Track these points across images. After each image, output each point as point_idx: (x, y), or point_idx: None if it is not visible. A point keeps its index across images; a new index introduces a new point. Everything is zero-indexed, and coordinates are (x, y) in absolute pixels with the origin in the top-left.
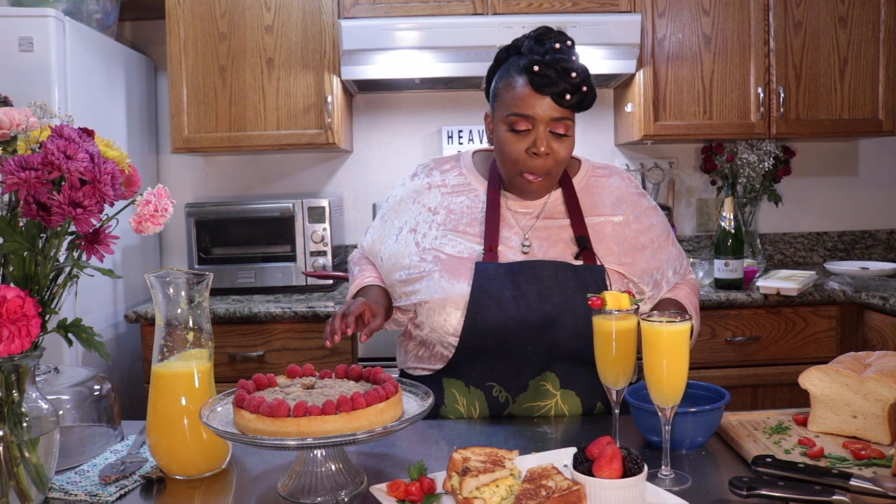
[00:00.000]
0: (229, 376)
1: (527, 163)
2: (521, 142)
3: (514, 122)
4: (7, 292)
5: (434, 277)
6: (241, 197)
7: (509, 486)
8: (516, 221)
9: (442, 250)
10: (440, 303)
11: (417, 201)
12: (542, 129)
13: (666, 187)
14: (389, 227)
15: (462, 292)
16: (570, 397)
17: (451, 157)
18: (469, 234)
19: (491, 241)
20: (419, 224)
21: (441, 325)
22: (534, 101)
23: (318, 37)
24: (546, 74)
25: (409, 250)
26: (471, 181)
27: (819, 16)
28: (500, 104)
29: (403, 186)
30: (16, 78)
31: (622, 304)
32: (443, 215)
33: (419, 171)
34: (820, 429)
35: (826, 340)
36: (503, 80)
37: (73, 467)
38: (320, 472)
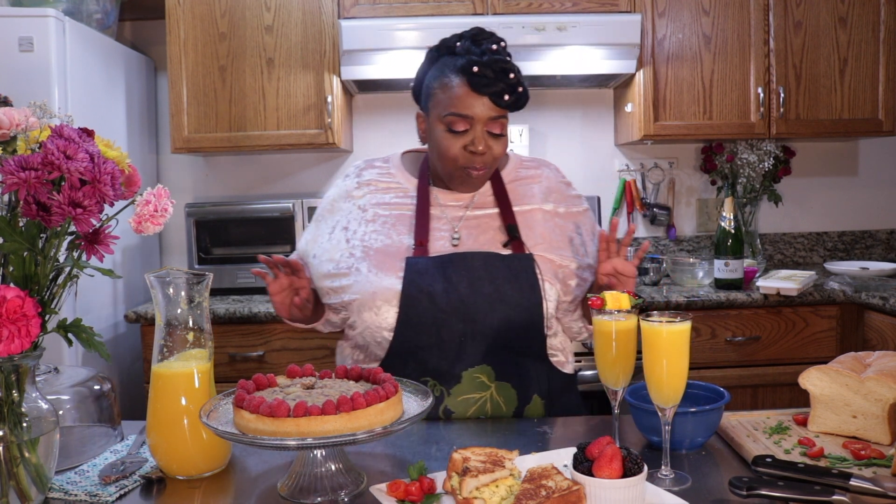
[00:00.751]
0: (229, 376)
1: (465, 159)
2: (459, 140)
3: (452, 121)
4: (7, 292)
5: (362, 272)
6: (241, 197)
7: (509, 486)
8: (445, 215)
9: (370, 245)
10: (370, 297)
11: (349, 200)
12: (480, 129)
13: (666, 187)
14: (323, 227)
15: (392, 287)
16: (505, 389)
17: (382, 158)
18: (399, 229)
19: (421, 235)
20: (350, 222)
21: (374, 321)
22: (472, 101)
23: (318, 37)
24: (484, 75)
25: (339, 247)
26: (400, 180)
27: (819, 16)
28: (437, 104)
29: (336, 188)
30: (16, 78)
31: (622, 305)
32: (372, 212)
33: (351, 171)
34: (820, 429)
35: (826, 340)
36: (438, 80)
37: (73, 467)
38: (320, 472)
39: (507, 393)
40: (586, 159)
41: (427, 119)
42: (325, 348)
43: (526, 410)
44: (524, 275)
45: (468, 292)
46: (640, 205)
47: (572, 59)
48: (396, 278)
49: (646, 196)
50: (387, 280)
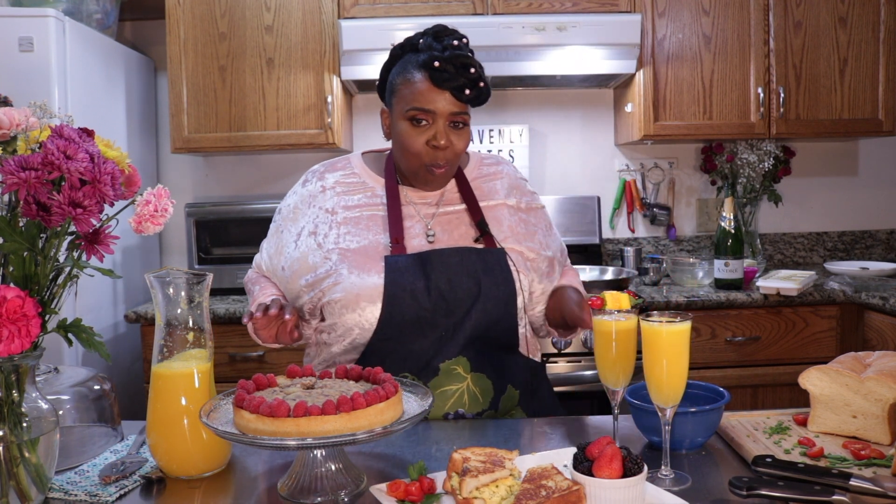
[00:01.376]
0: (229, 376)
1: (428, 155)
2: (422, 135)
3: (414, 115)
4: (7, 292)
5: (342, 274)
6: (241, 197)
7: (509, 487)
8: (417, 212)
9: (347, 248)
10: (353, 298)
11: (313, 205)
12: (442, 123)
13: (666, 187)
14: (287, 235)
15: (375, 285)
16: (481, 380)
17: (341, 160)
18: (372, 229)
19: (396, 233)
20: (318, 226)
21: (356, 321)
22: (433, 96)
23: (318, 37)
24: (445, 70)
25: (311, 253)
26: (364, 179)
27: (819, 16)
28: (400, 99)
29: (295, 194)
30: (16, 78)
31: (622, 305)
32: (341, 214)
33: (309, 176)
34: (820, 429)
35: (826, 340)
36: (401, 76)
37: (73, 467)
38: (320, 472)
39: (483, 384)
40: (586, 159)
41: (391, 116)
42: None
43: (502, 401)
44: (498, 268)
45: (448, 288)
46: (640, 205)
47: (572, 59)
48: (378, 277)
49: (646, 196)
50: (369, 279)
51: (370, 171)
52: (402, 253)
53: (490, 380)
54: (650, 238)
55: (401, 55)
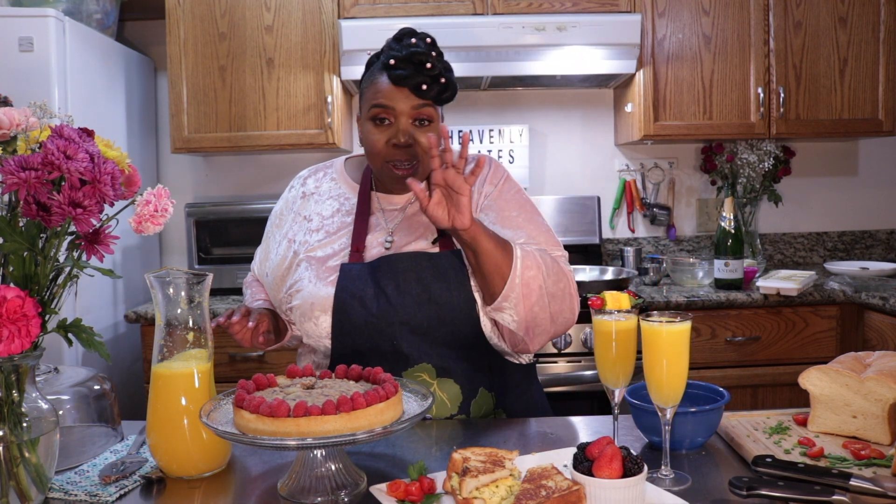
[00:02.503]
0: (229, 376)
1: (391, 154)
2: (383, 134)
3: (376, 113)
4: (7, 292)
5: (303, 284)
6: (241, 197)
7: (509, 487)
8: (384, 219)
9: (313, 255)
10: (308, 307)
11: (293, 211)
12: (404, 121)
13: (666, 187)
14: (272, 242)
15: (327, 295)
16: (447, 385)
17: (326, 165)
18: (340, 237)
19: (357, 241)
20: (296, 234)
21: (314, 331)
22: (394, 94)
23: (318, 37)
24: (402, 68)
25: (287, 260)
26: (341, 186)
27: (819, 16)
28: (364, 101)
29: (282, 200)
30: (16, 78)
31: (622, 305)
32: (316, 221)
33: (295, 182)
34: (820, 429)
35: (826, 340)
36: (367, 81)
37: (73, 467)
38: (320, 472)
39: (451, 388)
40: (586, 159)
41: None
42: None
43: (473, 404)
44: (452, 272)
45: (395, 294)
46: (640, 205)
47: (572, 59)
48: (330, 285)
49: (646, 196)
50: (323, 289)
51: (348, 178)
52: (359, 261)
53: (458, 384)
54: (650, 238)
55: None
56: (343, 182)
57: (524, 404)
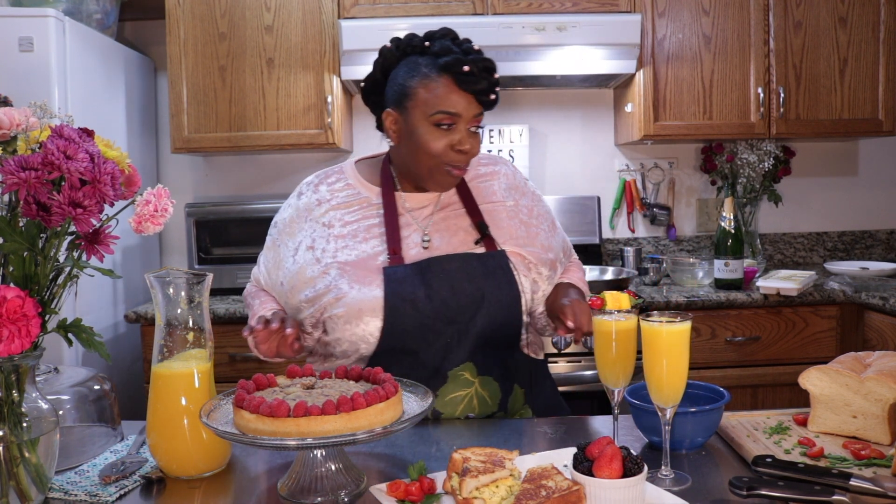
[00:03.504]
0: (229, 376)
1: (452, 157)
2: (445, 138)
3: (440, 119)
4: (7, 292)
5: (342, 289)
6: (241, 197)
7: (509, 487)
8: (414, 219)
9: (345, 261)
10: (355, 313)
11: (309, 219)
12: (464, 127)
13: (666, 187)
14: (284, 250)
15: (376, 297)
16: (488, 383)
17: (335, 170)
18: (369, 240)
19: (393, 243)
20: (315, 240)
21: (360, 336)
22: (458, 99)
23: (318, 37)
24: (472, 72)
25: (309, 268)
26: (360, 190)
27: (819, 16)
28: (420, 102)
29: (290, 207)
30: (16, 78)
31: (622, 305)
32: (338, 228)
33: (304, 189)
34: (820, 429)
35: (826, 340)
36: (416, 79)
37: (73, 467)
38: (320, 472)
39: (491, 386)
40: (586, 159)
41: (402, 118)
42: None
43: (509, 401)
44: (500, 272)
45: (450, 295)
46: (640, 205)
47: (572, 59)
48: (377, 288)
49: (646, 196)
50: (369, 292)
51: (364, 181)
52: (401, 263)
53: (497, 382)
54: (650, 238)
55: (400, 57)
56: (360, 185)
57: (544, 400)
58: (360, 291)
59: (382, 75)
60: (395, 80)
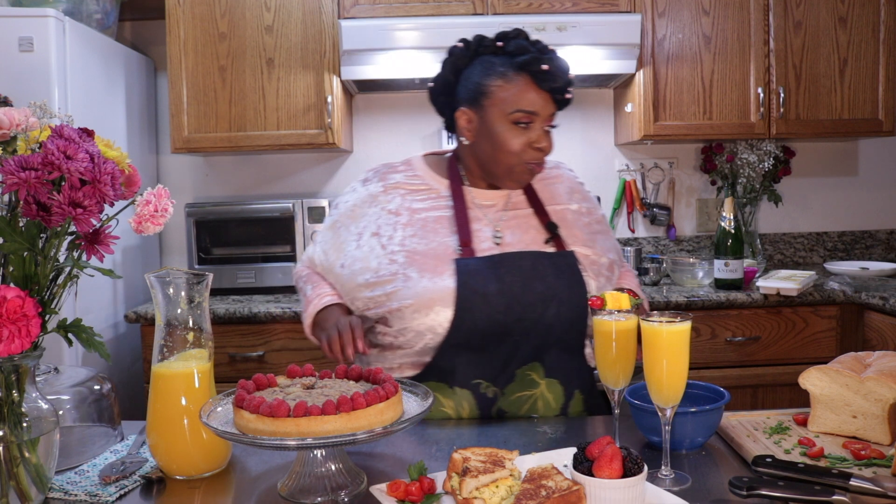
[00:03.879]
0: (229, 376)
1: (531, 155)
2: (523, 136)
3: (519, 118)
4: (7, 292)
5: (412, 277)
6: (241, 197)
7: (509, 487)
8: (484, 215)
9: (414, 249)
10: (426, 302)
11: (375, 205)
12: (540, 125)
13: (666, 187)
14: (345, 234)
15: (447, 287)
16: (553, 385)
17: (402, 162)
18: (438, 231)
19: (464, 235)
20: (381, 227)
21: (428, 326)
22: (536, 98)
23: (318, 37)
24: (550, 71)
25: (374, 254)
26: (428, 181)
27: (819, 16)
28: (497, 101)
29: (355, 192)
30: (16, 78)
31: (622, 305)
32: (406, 216)
33: (370, 176)
34: (820, 429)
35: (826, 340)
36: (492, 78)
37: (73, 467)
38: (320, 472)
39: (555, 389)
40: (586, 159)
41: (478, 116)
42: None
43: (570, 406)
44: (569, 271)
45: (521, 291)
46: (640, 205)
47: (572, 59)
48: (449, 278)
49: (646, 196)
50: (441, 283)
51: (433, 173)
52: (472, 256)
53: (562, 386)
54: (650, 238)
55: (472, 57)
56: (429, 177)
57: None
58: (432, 281)
59: (454, 75)
60: (469, 80)
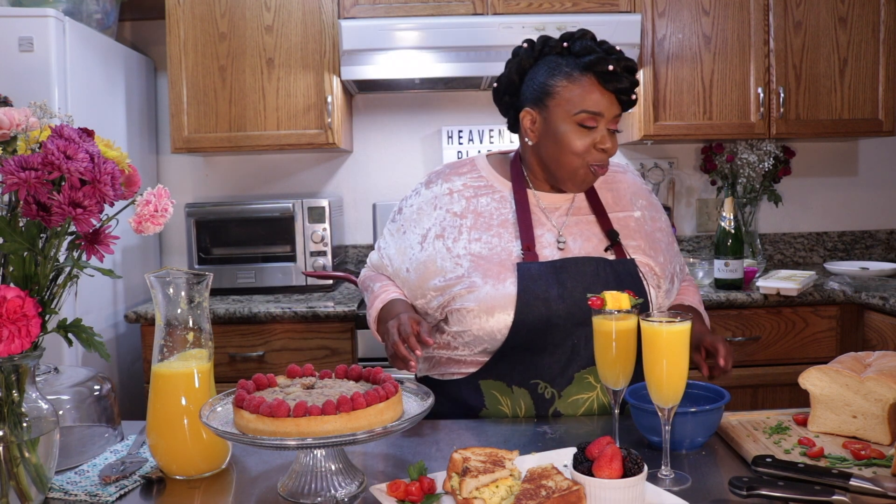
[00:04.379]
0: (229, 376)
1: (594, 157)
2: (587, 137)
3: (584, 119)
4: (7, 292)
5: (476, 283)
6: (241, 197)
7: (509, 487)
8: (548, 218)
9: (478, 254)
10: (488, 308)
11: (439, 207)
12: (605, 127)
13: (666, 187)
14: (411, 236)
15: (509, 293)
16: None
17: (466, 162)
18: (502, 234)
19: (528, 240)
20: (446, 229)
21: (487, 328)
22: (602, 99)
23: (318, 37)
24: (616, 72)
25: (440, 256)
26: (492, 183)
27: (819, 16)
28: (563, 101)
29: (419, 195)
30: (16, 78)
31: (622, 304)
32: (471, 219)
33: (433, 178)
34: (820, 429)
35: (826, 340)
36: (557, 78)
37: (73, 467)
38: (320, 472)
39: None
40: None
41: (542, 117)
42: (326, 348)
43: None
44: (630, 279)
45: (582, 297)
46: None
47: None
48: (511, 284)
49: None
50: (503, 288)
51: (497, 175)
52: (535, 260)
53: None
54: None
55: (536, 57)
56: (493, 179)
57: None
58: (494, 287)
59: (518, 76)
60: (534, 80)
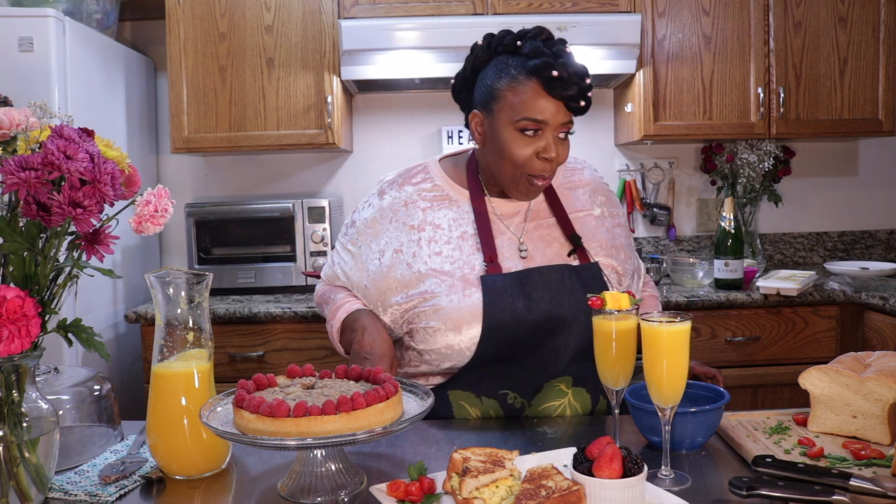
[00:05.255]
0: (229, 376)
1: (535, 166)
2: (530, 145)
3: (525, 126)
4: (7, 292)
5: (440, 300)
6: (241, 197)
7: (509, 487)
8: (507, 227)
9: (440, 269)
10: (455, 325)
11: (395, 220)
12: (551, 134)
13: (666, 187)
14: (366, 251)
15: (475, 308)
16: (580, 394)
17: (418, 169)
18: (462, 247)
19: (489, 251)
20: (404, 244)
21: (456, 348)
22: (546, 105)
23: (318, 37)
24: (561, 78)
25: (399, 272)
26: (448, 192)
27: (819, 16)
28: (506, 106)
29: (371, 207)
30: (16, 78)
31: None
32: (429, 231)
33: (385, 188)
34: (820, 429)
35: (826, 340)
36: (504, 81)
37: (73, 467)
38: (320, 472)
39: (583, 398)
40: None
41: (487, 121)
42: (326, 348)
43: (595, 412)
44: (595, 283)
45: (550, 307)
46: (640, 205)
47: None
48: (476, 299)
49: (646, 196)
50: (467, 302)
51: (452, 182)
52: (499, 272)
53: (589, 393)
54: (650, 238)
55: (490, 56)
56: (449, 187)
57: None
58: (459, 303)
59: (472, 74)
60: (483, 81)
